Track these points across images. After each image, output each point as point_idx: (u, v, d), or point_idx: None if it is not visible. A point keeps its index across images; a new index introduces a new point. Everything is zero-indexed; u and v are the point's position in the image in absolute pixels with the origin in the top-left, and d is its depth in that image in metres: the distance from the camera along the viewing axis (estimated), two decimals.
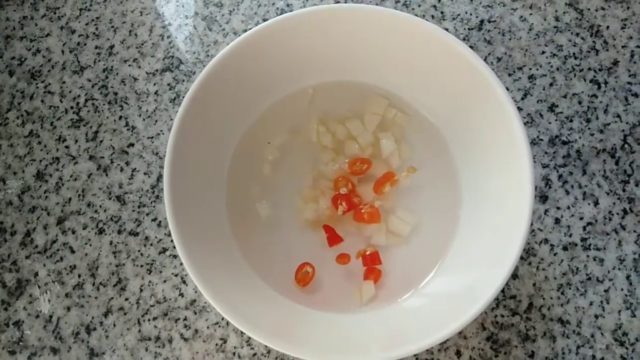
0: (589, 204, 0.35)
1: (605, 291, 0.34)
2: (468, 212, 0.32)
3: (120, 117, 0.39)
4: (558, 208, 0.35)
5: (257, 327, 0.26)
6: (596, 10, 0.39)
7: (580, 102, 0.37)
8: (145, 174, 0.37)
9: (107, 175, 0.37)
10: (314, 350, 0.26)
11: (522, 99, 0.37)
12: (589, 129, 0.37)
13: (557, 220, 0.35)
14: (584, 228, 0.35)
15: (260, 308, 0.30)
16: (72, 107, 0.39)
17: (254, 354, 0.33)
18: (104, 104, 0.39)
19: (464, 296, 0.28)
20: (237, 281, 0.30)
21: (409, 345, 0.25)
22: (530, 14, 0.39)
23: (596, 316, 0.33)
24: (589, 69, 0.38)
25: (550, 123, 0.37)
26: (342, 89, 0.35)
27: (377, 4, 0.40)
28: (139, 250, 0.36)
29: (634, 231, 0.34)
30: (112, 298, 0.35)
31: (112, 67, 0.40)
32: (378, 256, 0.32)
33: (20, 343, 0.35)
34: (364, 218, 0.33)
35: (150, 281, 0.35)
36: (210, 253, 0.29)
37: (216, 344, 0.34)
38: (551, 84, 0.37)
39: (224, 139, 0.33)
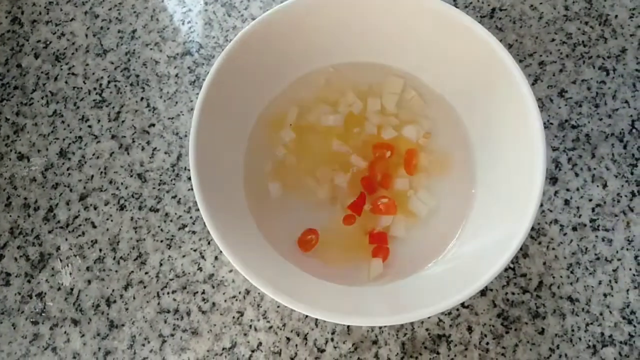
0: (597, 186, 0.36)
1: (614, 271, 0.34)
2: (482, 188, 0.33)
3: (142, 99, 0.40)
4: (568, 190, 0.36)
5: (272, 284, 0.27)
6: (605, 0, 0.40)
7: (589, 88, 0.38)
8: (165, 153, 0.38)
9: (128, 153, 0.39)
10: (323, 310, 0.27)
11: (533, 84, 0.38)
12: (598, 114, 0.37)
13: (567, 202, 0.36)
14: (593, 209, 0.36)
15: (276, 273, 0.30)
16: (95, 89, 0.40)
17: (270, 327, 0.34)
18: (126, 86, 0.40)
19: (474, 268, 0.29)
20: (252, 246, 0.31)
21: (423, 308, 0.26)
22: (541, 3, 0.40)
23: (605, 295, 0.34)
24: (598, 56, 0.39)
25: (560, 108, 0.38)
26: (360, 69, 0.36)
27: None
28: (159, 226, 0.37)
29: None
30: (132, 272, 0.36)
31: (134, 50, 0.41)
32: (385, 236, 0.33)
33: (43, 314, 0.36)
34: (380, 210, 0.34)
35: (169, 256, 0.36)
36: (229, 220, 0.30)
37: (233, 317, 0.34)
38: (561, 70, 0.38)
39: (244, 116, 0.34)
